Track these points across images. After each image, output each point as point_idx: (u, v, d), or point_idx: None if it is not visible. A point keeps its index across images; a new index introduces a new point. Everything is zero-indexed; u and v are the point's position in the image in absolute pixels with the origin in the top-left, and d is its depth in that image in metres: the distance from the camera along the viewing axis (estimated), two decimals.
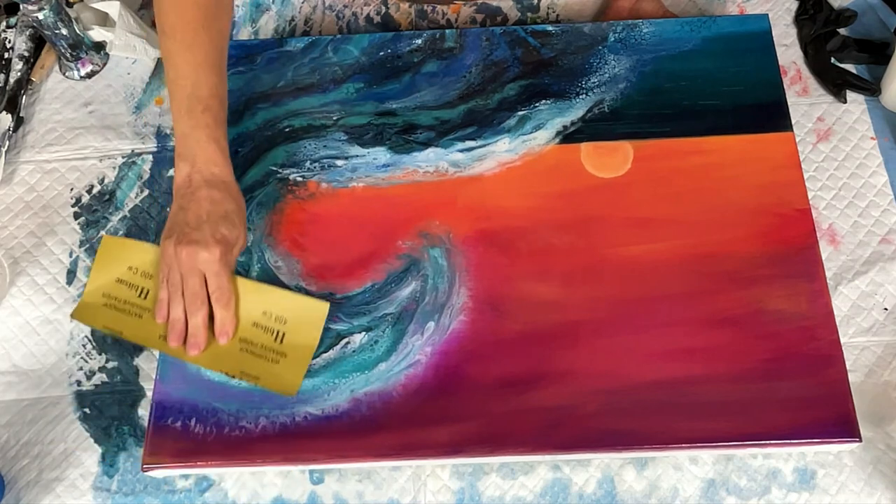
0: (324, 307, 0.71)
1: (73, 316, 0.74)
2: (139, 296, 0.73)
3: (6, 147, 0.91)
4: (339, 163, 0.81)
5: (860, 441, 0.66)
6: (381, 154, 0.81)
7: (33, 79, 0.96)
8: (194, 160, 0.71)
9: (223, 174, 0.72)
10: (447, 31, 0.88)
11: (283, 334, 0.71)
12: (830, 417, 0.66)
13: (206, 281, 0.69)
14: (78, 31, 0.93)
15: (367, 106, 0.84)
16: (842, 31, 0.90)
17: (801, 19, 0.92)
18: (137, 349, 0.79)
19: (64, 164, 0.90)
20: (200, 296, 0.69)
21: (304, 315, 0.71)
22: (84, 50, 0.94)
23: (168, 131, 0.91)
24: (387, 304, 0.74)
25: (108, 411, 0.77)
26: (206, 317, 0.70)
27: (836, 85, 0.87)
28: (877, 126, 0.85)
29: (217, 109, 0.73)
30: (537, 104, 0.82)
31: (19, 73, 0.94)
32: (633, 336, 0.70)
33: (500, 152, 0.80)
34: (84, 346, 0.80)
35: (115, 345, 0.80)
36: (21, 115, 0.93)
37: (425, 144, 0.81)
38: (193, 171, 0.71)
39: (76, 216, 0.87)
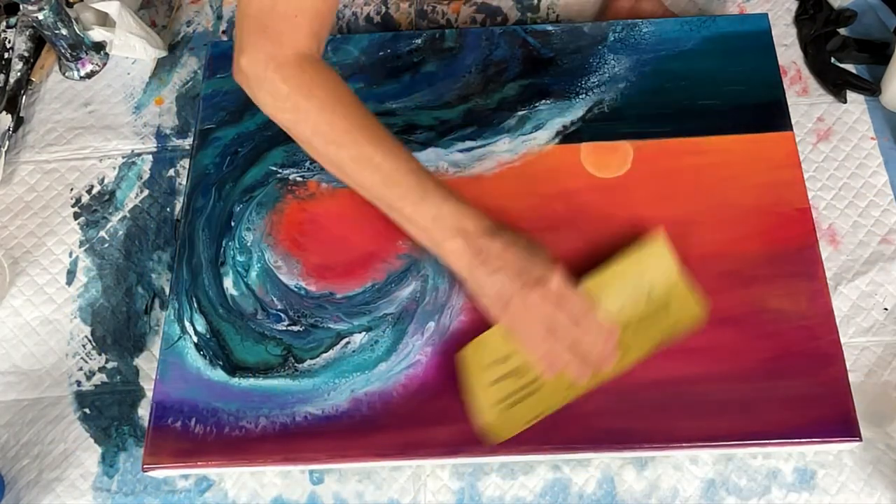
0: (661, 240, 0.68)
1: (495, 440, 0.66)
2: (523, 376, 0.68)
3: (6, 147, 0.91)
4: None
5: (860, 441, 0.66)
6: None
7: (33, 79, 0.96)
8: (462, 230, 0.66)
9: (492, 219, 0.67)
10: (447, 30, 0.88)
11: (650, 290, 0.68)
12: (830, 417, 0.66)
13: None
14: (78, 31, 0.93)
15: (367, 106, 0.83)
16: (842, 31, 0.90)
17: (801, 19, 0.92)
18: (138, 349, 0.79)
19: (64, 164, 0.90)
20: (574, 320, 0.64)
21: (652, 260, 0.69)
22: (84, 50, 0.94)
23: (168, 131, 0.91)
24: (387, 304, 0.74)
25: (108, 411, 0.77)
26: (594, 341, 0.65)
27: (836, 85, 0.87)
28: (877, 126, 0.85)
29: (431, 175, 0.68)
30: (537, 104, 0.82)
31: (19, 73, 0.94)
32: None
33: (500, 152, 0.80)
34: (84, 346, 0.80)
35: (115, 345, 0.80)
36: (21, 115, 0.93)
37: (425, 144, 0.81)
38: (470, 240, 0.66)
39: (76, 216, 0.87)
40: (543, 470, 0.72)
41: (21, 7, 0.89)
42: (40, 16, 0.88)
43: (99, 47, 0.96)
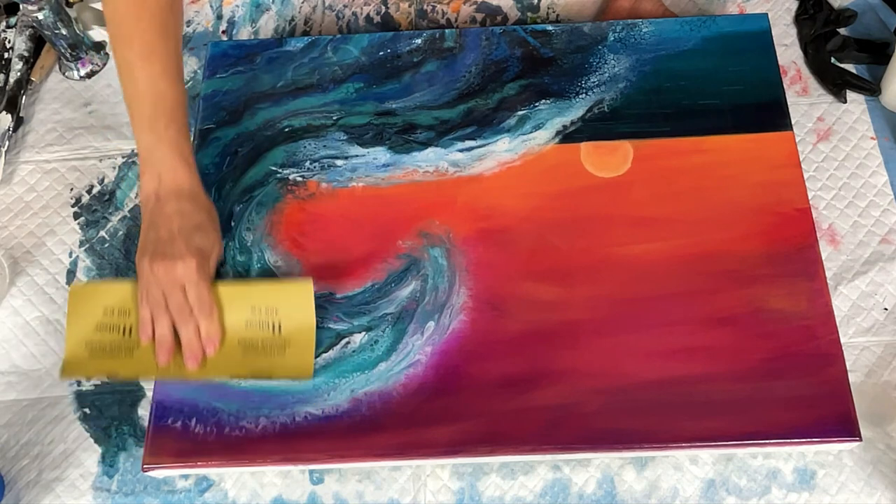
0: (307, 285, 0.71)
1: (61, 375, 0.71)
2: (123, 334, 0.71)
3: (6, 147, 0.91)
4: (339, 163, 0.81)
5: (860, 441, 0.66)
6: (381, 154, 0.81)
7: (33, 79, 0.96)
8: (160, 175, 0.70)
9: (190, 185, 0.71)
10: (447, 30, 0.88)
11: (280, 324, 0.71)
12: (830, 417, 0.66)
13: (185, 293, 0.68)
14: (78, 31, 0.93)
15: (367, 106, 0.84)
16: (842, 31, 0.90)
17: (801, 19, 0.92)
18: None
19: (64, 164, 0.90)
20: (186, 308, 0.68)
21: (293, 299, 0.71)
22: (84, 50, 0.94)
23: None
24: (387, 303, 0.74)
25: (108, 411, 0.77)
26: (196, 328, 0.69)
27: (836, 85, 0.87)
28: (877, 126, 0.85)
29: (180, 120, 0.72)
30: (537, 104, 0.82)
31: (19, 73, 0.94)
32: (634, 335, 0.70)
33: (500, 152, 0.80)
34: None
35: None
36: (21, 115, 0.93)
37: (425, 144, 0.81)
38: (160, 187, 0.70)
39: (76, 216, 0.87)
40: (543, 470, 0.72)
41: (21, 7, 0.89)
42: (40, 16, 0.88)
43: (99, 47, 0.96)
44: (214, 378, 0.70)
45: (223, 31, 0.98)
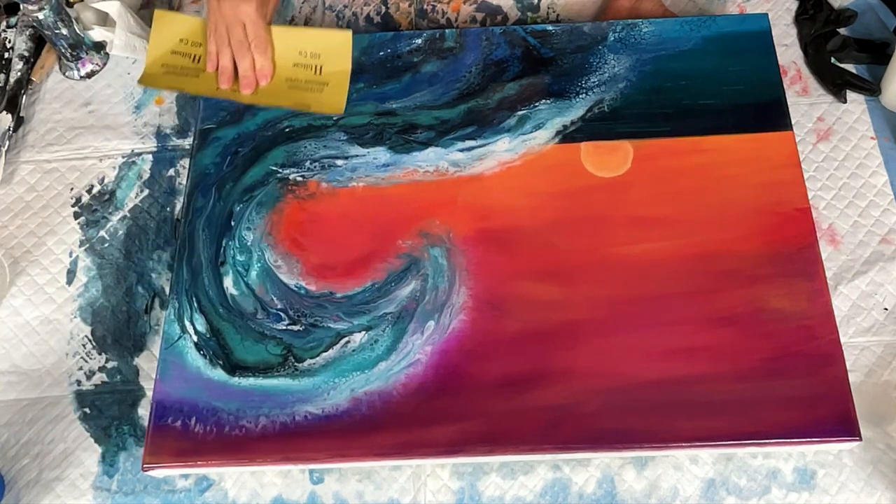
0: (346, 35, 0.85)
1: (140, 82, 0.86)
2: (193, 62, 0.86)
3: (6, 147, 0.91)
4: (339, 163, 0.81)
5: (860, 440, 0.66)
6: (381, 154, 0.81)
7: (33, 79, 0.96)
8: None
9: None
10: (447, 30, 0.88)
11: (321, 67, 0.84)
12: (830, 416, 0.66)
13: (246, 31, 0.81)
14: (78, 31, 0.93)
15: (367, 106, 0.84)
16: (842, 31, 0.90)
17: (801, 19, 0.92)
18: (138, 349, 0.79)
19: (64, 164, 0.90)
20: (245, 43, 0.81)
21: (333, 46, 0.85)
22: (84, 50, 0.94)
23: (168, 131, 0.91)
24: (387, 303, 0.74)
25: (108, 411, 0.77)
26: (252, 61, 0.82)
27: (836, 85, 0.87)
28: (877, 126, 0.85)
29: None
30: (537, 104, 0.82)
31: (19, 73, 0.94)
32: (634, 335, 0.70)
33: (500, 152, 0.80)
34: (84, 345, 0.80)
35: (115, 345, 0.80)
36: (21, 114, 0.93)
37: (425, 144, 0.81)
38: None
39: (76, 216, 0.87)
40: (543, 470, 0.72)
41: (21, 7, 0.89)
42: (40, 15, 0.88)
43: (99, 47, 0.96)
44: (262, 104, 0.83)
45: None
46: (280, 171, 0.81)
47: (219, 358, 0.73)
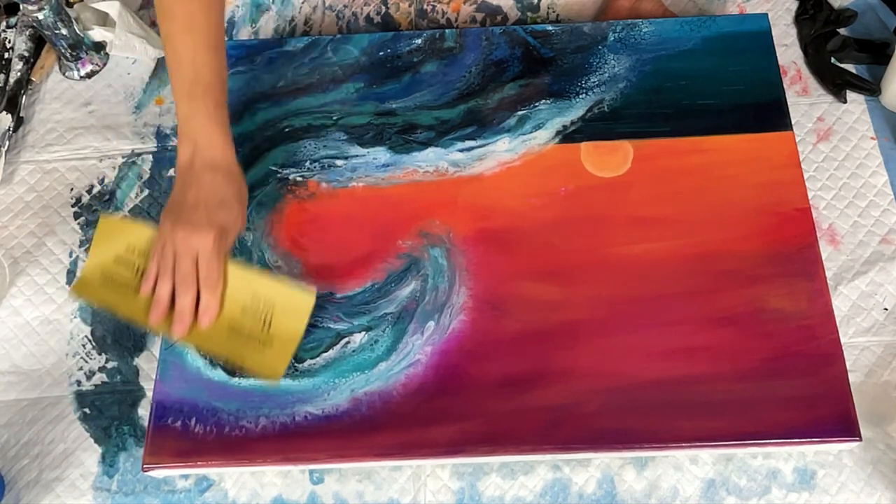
0: (309, 299, 0.71)
1: (71, 292, 0.76)
2: (136, 274, 0.73)
3: (6, 147, 0.91)
4: (339, 163, 0.81)
5: (860, 441, 0.66)
6: (381, 154, 0.81)
7: (33, 79, 0.96)
8: (196, 143, 0.71)
9: (225, 157, 0.72)
10: (447, 30, 0.88)
11: (271, 321, 0.71)
12: (830, 417, 0.66)
13: (197, 263, 0.69)
14: (78, 31, 0.93)
15: (367, 106, 0.84)
16: (842, 31, 0.90)
17: (801, 19, 0.92)
18: (138, 349, 0.79)
19: (64, 164, 0.90)
20: (191, 277, 0.69)
21: (291, 304, 0.72)
22: (84, 50, 0.94)
23: (168, 131, 0.91)
24: (387, 303, 0.74)
25: (108, 411, 0.77)
26: (194, 298, 0.69)
27: (836, 85, 0.87)
28: (877, 126, 0.85)
29: (218, 92, 0.73)
30: (537, 104, 0.82)
31: (19, 73, 0.94)
32: (634, 335, 0.70)
33: (500, 152, 0.80)
34: (84, 346, 0.80)
35: (115, 345, 0.80)
36: (21, 115, 0.93)
37: (425, 144, 0.81)
38: (195, 154, 0.71)
39: (76, 216, 0.87)
40: (543, 470, 0.72)
41: (21, 7, 0.89)
42: (40, 16, 0.88)
43: (99, 47, 0.96)
44: (192, 345, 0.72)
45: None
46: (280, 171, 0.81)
47: (219, 358, 0.73)
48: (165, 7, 0.73)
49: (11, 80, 0.93)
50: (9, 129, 0.91)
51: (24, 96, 0.94)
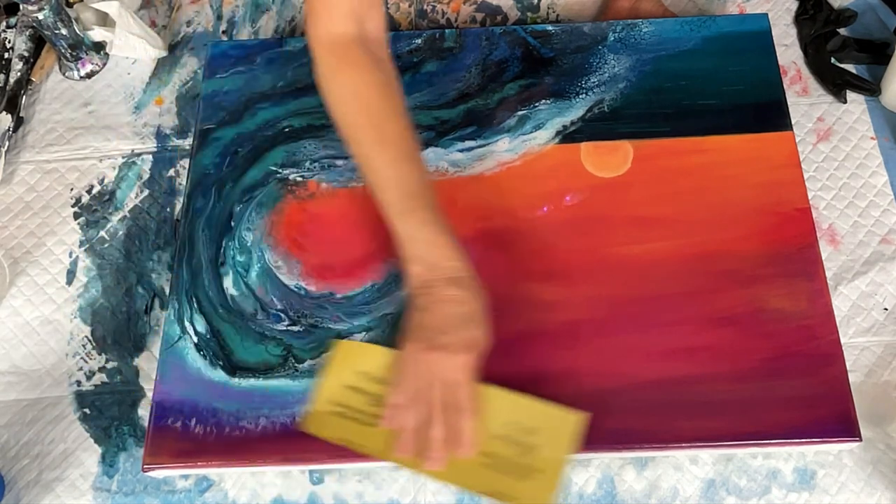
0: (577, 419, 0.65)
1: (305, 427, 0.68)
2: (371, 404, 0.67)
3: (6, 147, 0.91)
4: (339, 163, 0.81)
5: (860, 441, 0.66)
6: None
7: (33, 79, 0.96)
8: (427, 260, 0.66)
9: (462, 269, 0.66)
10: (447, 30, 0.88)
11: (532, 447, 0.64)
12: (830, 417, 0.66)
13: (450, 389, 0.64)
14: (78, 31, 0.93)
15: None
16: (842, 31, 0.90)
17: (801, 19, 0.92)
18: (138, 349, 0.79)
19: (64, 164, 0.90)
20: (447, 405, 0.63)
21: (555, 426, 0.65)
22: (84, 50, 0.94)
23: (168, 131, 0.91)
24: (387, 303, 0.74)
25: (108, 411, 0.77)
26: (452, 428, 0.63)
27: (836, 85, 0.87)
28: (877, 126, 0.85)
29: (431, 199, 0.67)
30: (537, 104, 0.82)
31: (19, 73, 0.94)
32: (634, 335, 0.70)
33: (500, 152, 0.80)
34: (84, 346, 0.80)
35: (115, 345, 0.80)
36: (21, 115, 0.93)
37: (425, 144, 0.81)
38: (429, 271, 0.66)
39: (76, 216, 0.87)
40: None
41: (21, 7, 0.89)
42: (40, 16, 0.88)
43: (99, 47, 0.96)
44: (444, 482, 0.66)
45: (223, 32, 0.98)
46: (280, 171, 0.81)
47: (219, 359, 0.73)
48: (349, 127, 0.68)
49: (11, 80, 0.93)
50: (9, 129, 0.91)
51: (24, 96, 0.94)
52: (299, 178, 0.81)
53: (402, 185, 0.67)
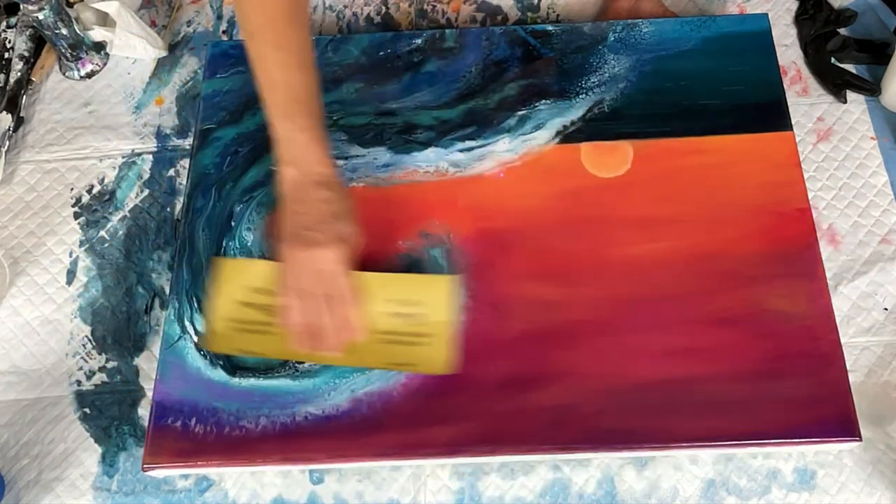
0: (451, 279, 0.72)
1: (205, 346, 0.73)
2: (265, 314, 0.72)
3: (6, 147, 0.91)
4: (339, 163, 0.81)
5: (860, 441, 0.66)
6: (381, 154, 0.81)
7: (33, 79, 0.96)
8: (300, 163, 0.69)
9: (331, 173, 0.70)
10: (447, 30, 0.88)
11: (418, 316, 0.71)
12: (830, 417, 0.66)
13: (326, 280, 0.68)
14: (78, 31, 0.93)
15: (367, 106, 0.84)
16: (842, 31, 0.90)
17: (801, 19, 0.92)
18: (138, 349, 0.79)
19: (64, 164, 0.90)
20: (330, 296, 0.68)
21: (434, 292, 0.71)
22: (84, 50, 0.94)
23: (168, 131, 0.91)
24: None
25: (108, 411, 0.77)
26: (340, 316, 0.68)
27: (836, 85, 0.87)
28: (877, 126, 0.85)
29: (315, 108, 0.70)
30: (537, 104, 0.82)
31: (19, 73, 0.94)
32: (634, 335, 0.70)
33: (500, 152, 0.80)
34: (84, 345, 0.80)
35: (115, 345, 0.80)
36: (21, 115, 0.93)
37: (425, 144, 0.81)
38: (301, 174, 0.69)
39: (76, 216, 0.87)
40: (543, 470, 0.72)
41: (21, 7, 0.89)
42: (40, 16, 0.88)
43: (99, 47, 0.96)
44: (353, 366, 0.71)
45: (223, 32, 0.98)
46: None
47: (219, 358, 0.73)
48: (253, 26, 0.70)
49: (11, 80, 0.93)
50: (9, 129, 0.91)
51: (24, 96, 0.94)
52: None
53: (290, 91, 0.69)
